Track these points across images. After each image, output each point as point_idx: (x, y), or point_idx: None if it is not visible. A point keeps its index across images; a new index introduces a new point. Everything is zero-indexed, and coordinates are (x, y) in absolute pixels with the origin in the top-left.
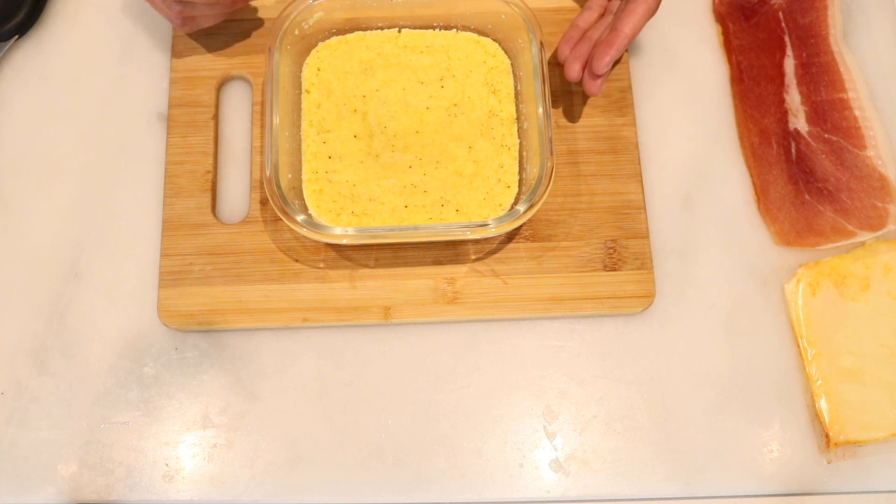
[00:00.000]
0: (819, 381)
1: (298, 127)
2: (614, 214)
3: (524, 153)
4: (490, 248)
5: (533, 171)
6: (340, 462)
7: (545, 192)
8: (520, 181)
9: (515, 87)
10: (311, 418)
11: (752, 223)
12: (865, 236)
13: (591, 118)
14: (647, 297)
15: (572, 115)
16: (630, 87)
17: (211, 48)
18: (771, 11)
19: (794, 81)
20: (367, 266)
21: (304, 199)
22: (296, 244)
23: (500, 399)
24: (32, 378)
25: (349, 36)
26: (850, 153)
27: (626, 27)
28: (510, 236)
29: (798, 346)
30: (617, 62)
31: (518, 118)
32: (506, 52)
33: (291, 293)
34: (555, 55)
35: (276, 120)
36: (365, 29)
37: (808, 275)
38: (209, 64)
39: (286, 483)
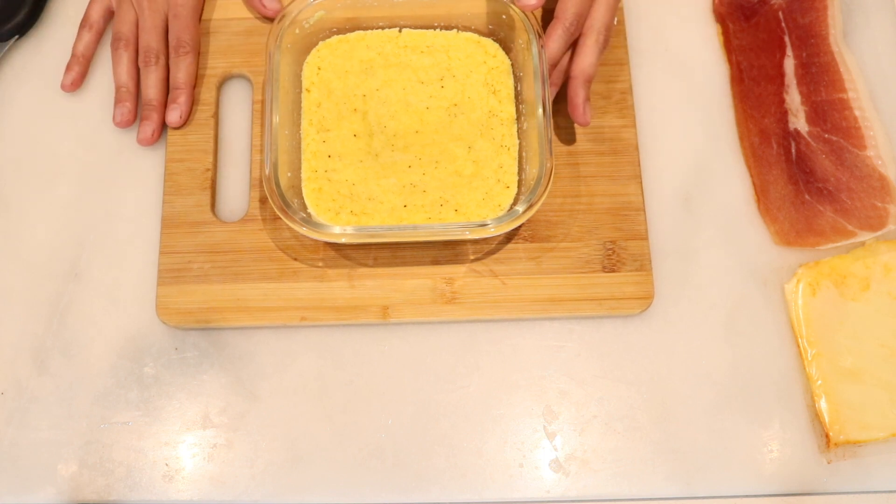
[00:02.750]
0: (819, 381)
1: (298, 126)
2: (613, 216)
3: (524, 153)
4: (489, 249)
5: (532, 171)
6: (340, 462)
7: (544, 192)
8: (519, 181)
9: (515, 88)
10: (311, 418)
11: (752, 223)
12: (865, 236)
13: (591, 119)
14: (646, 299)
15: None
16: (630, 88)
17: (212, 46)
18: (771, 11)
19: (794, 81)
20: (365, 265)
21: (303, 198)
22: (295, 243)
23: (500, 399)
24: (32, 378)
25: (350, 35)
26: (850, 153)
27: (575, 70)
28: (509, 237)
29: (798, 346)
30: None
31: (518, 118)
32: (506, 53)
33: (290, 292)
34: None
35: (276, 118)
36: (366, 28)
37: (808, 275)
38: (210, 62)
39: (286, 483)
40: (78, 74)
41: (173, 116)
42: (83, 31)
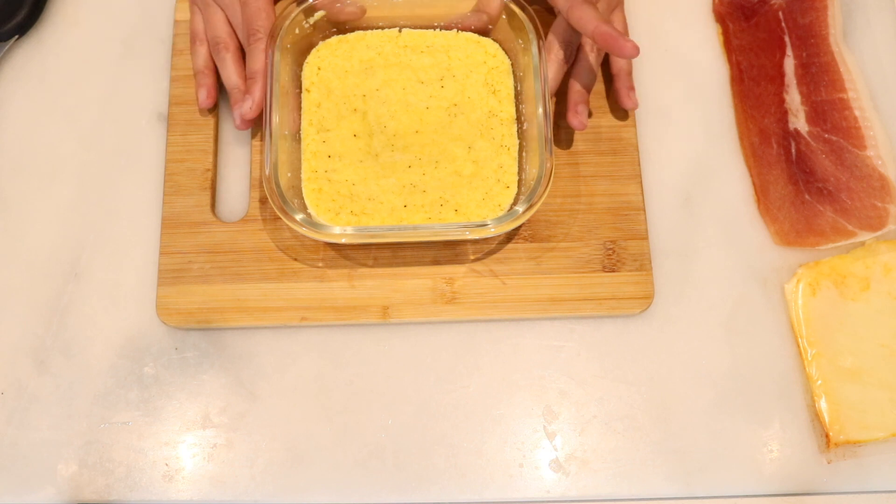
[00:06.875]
0: (819, 381)
1: (298, 126)
2: (613, 215)
3: (524, 153)
4: (489, 249)
5: (532, 171)
6: (340, 462)
7: (544, 192)
8: (519, 181)
9: (515, 88)
10: (311, 418)
11: (752, 223)
12: (865, 236)
13: (591, 119)
14: (646, 299)
15: None
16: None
17: None
18: (771, 11)
19: (794, 81)
20: (365, 265)
21: (303, 198)
22: (295, 243)
23: (500, 399)
24: (32, 378)
25: (350, 35)
26: (850, 153)
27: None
28: (509, 237)
29: (798, 346)
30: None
31: (518, 118)
32: (506, 53)
33: (290, 292)
34: None
35: (276, 119)
36: (365, 28)
37: (808, 275)
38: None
39: (286, 483)
40: (210, 87)
41: (245, 107)
42: (195, 46)
